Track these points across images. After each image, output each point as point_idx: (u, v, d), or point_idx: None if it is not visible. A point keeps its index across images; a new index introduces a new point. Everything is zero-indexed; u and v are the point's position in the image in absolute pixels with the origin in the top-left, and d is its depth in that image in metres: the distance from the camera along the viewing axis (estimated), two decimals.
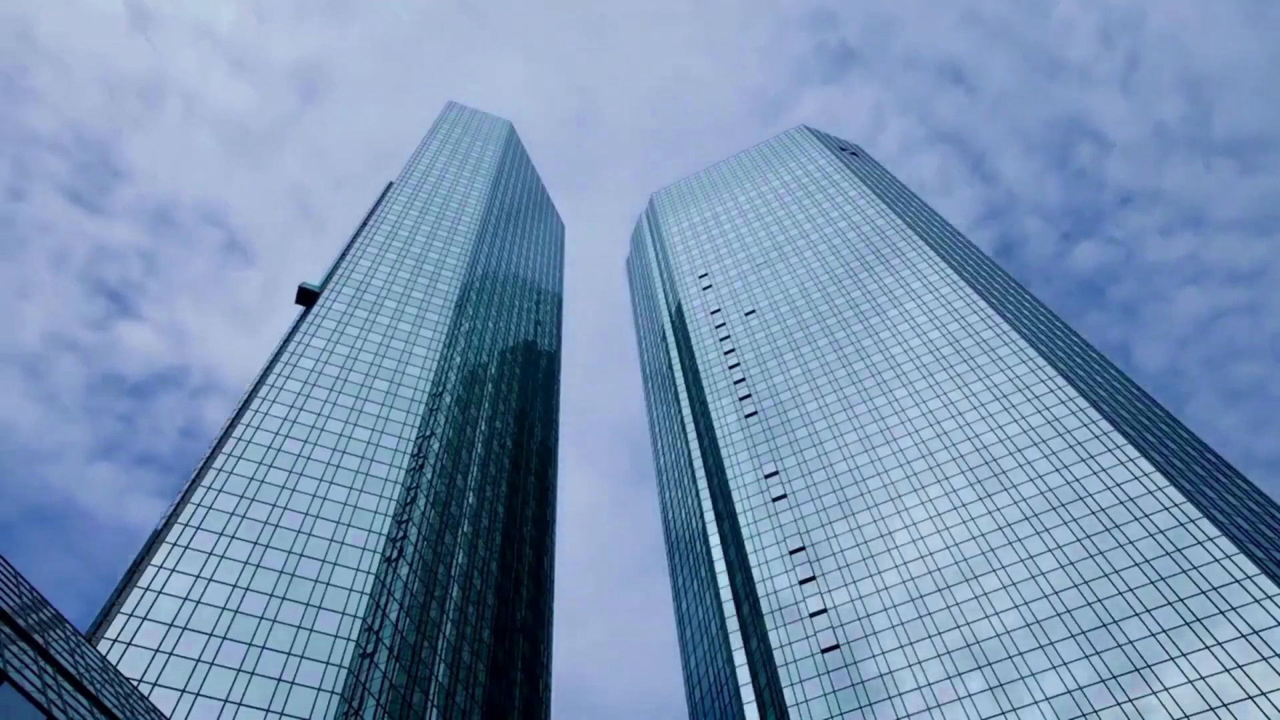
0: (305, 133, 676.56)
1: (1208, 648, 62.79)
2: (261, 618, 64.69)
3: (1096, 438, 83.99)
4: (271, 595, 66.86)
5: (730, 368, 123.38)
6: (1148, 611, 67.13)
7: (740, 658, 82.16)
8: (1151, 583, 69.01)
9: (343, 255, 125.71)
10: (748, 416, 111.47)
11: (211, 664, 59.73)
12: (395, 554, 76.70)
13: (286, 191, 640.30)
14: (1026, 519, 79.52)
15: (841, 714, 70.95)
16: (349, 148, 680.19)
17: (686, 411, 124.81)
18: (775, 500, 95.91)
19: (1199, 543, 70.08)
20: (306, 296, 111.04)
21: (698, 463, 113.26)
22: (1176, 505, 73.94)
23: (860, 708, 70.80)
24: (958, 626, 73.40)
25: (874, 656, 74.32)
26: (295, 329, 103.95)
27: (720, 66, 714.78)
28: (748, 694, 78.33)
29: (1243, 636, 62.35)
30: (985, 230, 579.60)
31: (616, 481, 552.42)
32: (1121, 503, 76.61)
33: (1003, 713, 65.45)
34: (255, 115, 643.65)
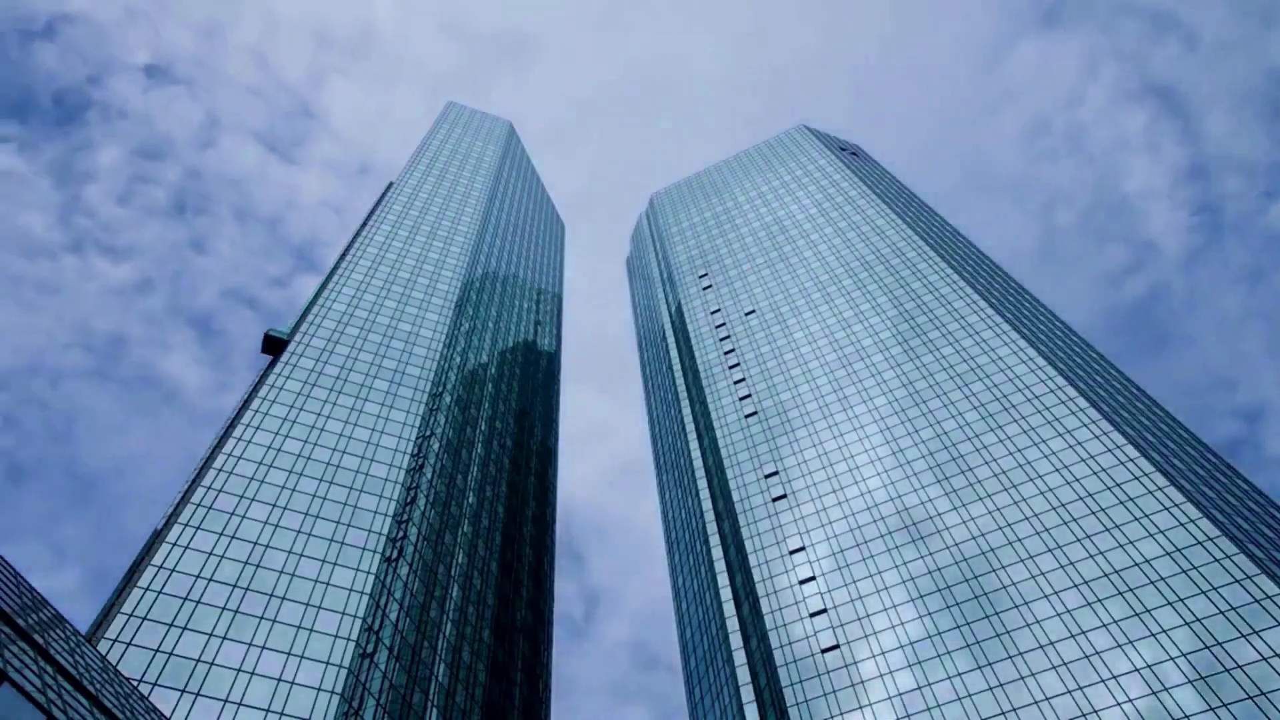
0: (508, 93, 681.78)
1: (1207, 648, 62.80)
2: (261, 618, 64.69)
3: (1096, 438, 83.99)
4: (271, 595, 66.86)
5: (730, 368, 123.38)
6: (1147, 611, 67.13)
7: (740, 658, 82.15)
8: (1151, 583, 69.01)
9: (342, 255, 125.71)
10: (748, 416, 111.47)
11: (211, 664, 59.73)
12: (395, 554, 76.70)
13: None
14: (1026, 519, 79.51)
15: (842, 714, 70.95)
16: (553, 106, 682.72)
17: (686, 411, 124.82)
18: (775, 500, 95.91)
19: (1199, 543, 70.08)
20: (273, 345, 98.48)
21: (698, 463, 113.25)
22: (1176, 505, 73.94)
23: (860, 708, 70.80)
24: (958, 627, 73.41)
25: (874, 656, 74.32)
26: (295, 328, 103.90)
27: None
28: (748, 694, 78.33)
29: (1243, 637, 62.35)
30: (1188, 187, 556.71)
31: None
32: (1121, 503, 76.61)
33: (1003, 712, 65.46)
34: (458, 75, 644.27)
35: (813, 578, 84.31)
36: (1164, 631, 65.28)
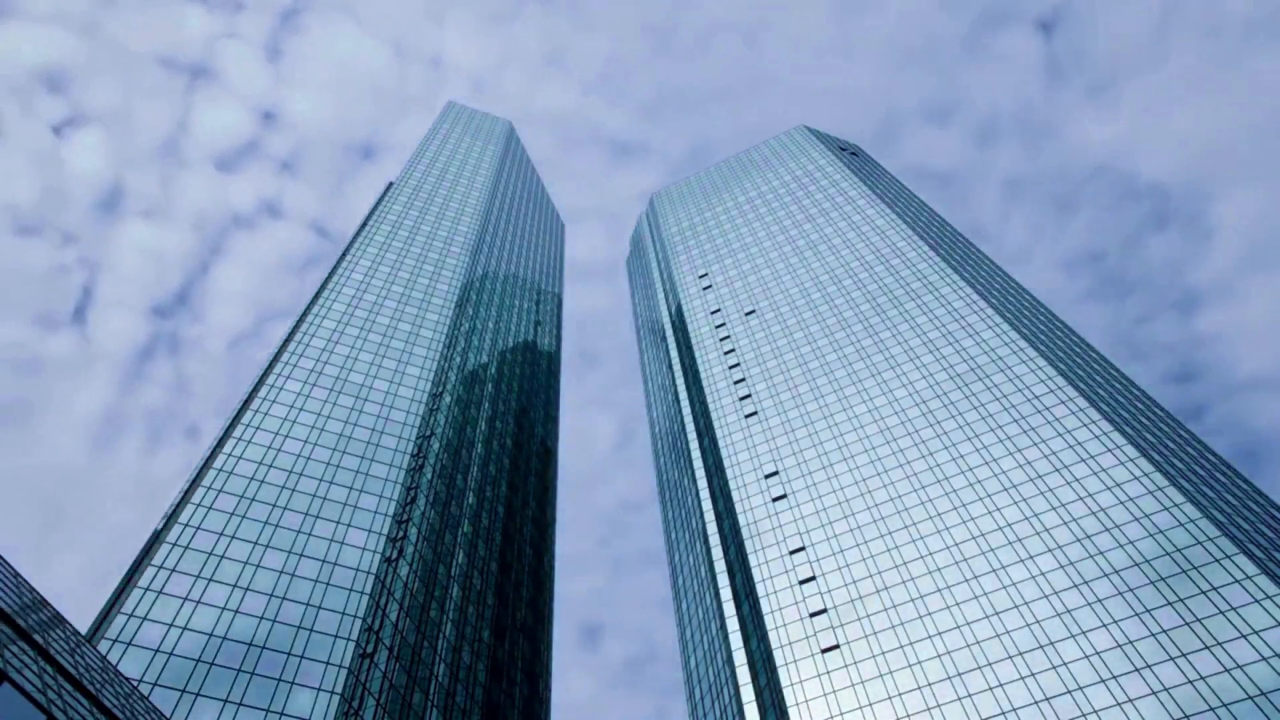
0: None
1: (1208, 648, 62.80)
2: (261, 618, 64.70)
3: (1097, 438, 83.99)
4: (271, 595, 66.86)
5: (730, 368, 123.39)
6: (1148, 611, 67.13)
7: (740, 658, 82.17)
8: (1151, 583, 69.01)
9: (343, 255, 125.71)
10: (748, 417, 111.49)
11: (211, 664, 59.74)
12: (395, 554, 76.70)
13: None
14: (1026, 519, 79.52)
15: (841, 714, 70.95)
16: None
17: (686, 411, 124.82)
18: (775, 500, 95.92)
19: (1199, 543, 70.07)
20: None
21: (698, 463, 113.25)
22: (1176, 505, 73.94)
23: (860, 708, 70.80)
24: (958, 627, 73.41)
25: (874, 656, 74.33)
26: (295, 329, 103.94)
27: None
28: (748, 694, 78.33)
29: (1243, 636, 62.35)
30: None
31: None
32: (1121, 503, 76.62)
33: (1003, 713, 65.46)
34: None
35: (813, 578, 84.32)
36: (1164, 631, 65.28)
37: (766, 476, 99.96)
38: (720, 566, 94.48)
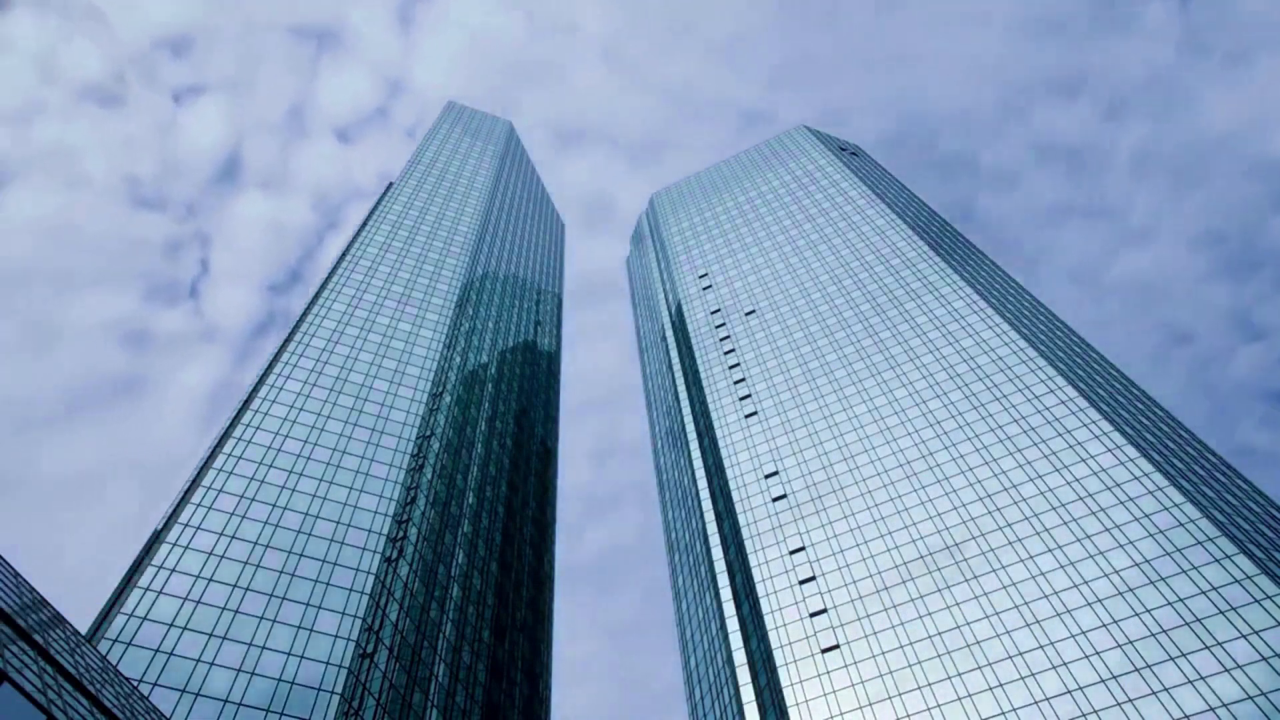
0: None
1: (1208, 648, 62.80)
2: (261, 618, 64.70)
3: (1096, 438, 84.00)
4: (271, 595, 66.87)
5: (730, 368, 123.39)
6: (1147, 611, 67.13)
7: (740, 658, 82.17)
8: (1151, 583, 69.00)
9: (343, 255, 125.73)
10: (748, 417, 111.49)
11: (211, 664, 59.75)
12: (395, 554, 76.70)
13: None
14: (1026, 519, 79.52)
15: (841, 714, 70.95)
16: None
17: (686, 411, 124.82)
18: (775, 500, 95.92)
19: (1199, 543, 70.07)
20: None
21: (698, 463, 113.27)
22: (1176, 505, 73.94)
23: (860, 708, 70.80)
24: (958, 626, 73.41)
25: (874, 656, 74.33)
26: (295, 329, 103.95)
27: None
28: (748, 694, 78.33)
29: (1243, 636, 62.35)
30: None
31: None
32: (1121, 503, 76.62)
33: (1003, 713, 65.46)
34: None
35: (813, 578, 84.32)
36: (1164, 631, 65.28)
37: (766, 476, 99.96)
38: (720, 567, 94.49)
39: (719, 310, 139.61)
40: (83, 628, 64.66)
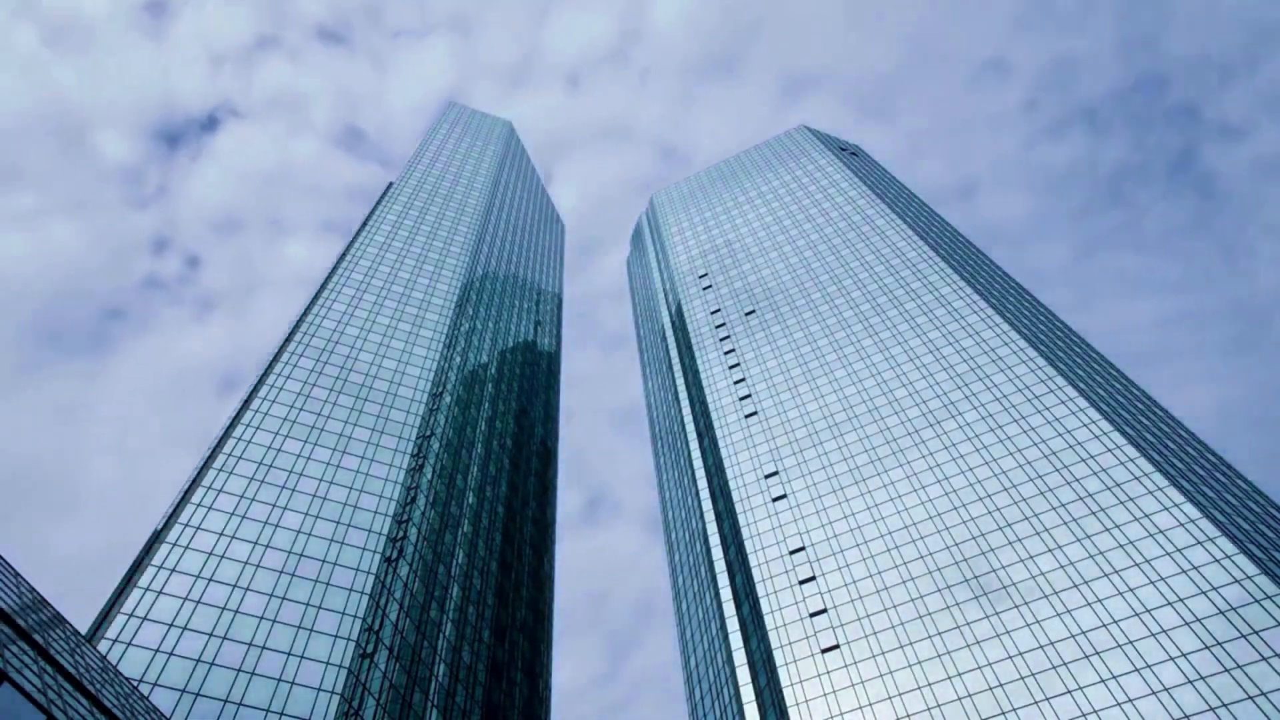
0: None
1: (1208, 648, 62.81)
2: (261, 618, 64.71)
3: (1096, 438, 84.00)
4: (271, 595, 66.87)
5: (730, 368, 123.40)
6: (1147, 611, 67.13)
7: (740, 658, 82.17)
8: (1151, 583, 69.01)
9: (343, 255, 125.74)
10: (748, 416, 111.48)
11: (211, 664, 59.75)
12: (395, 554, 76.71)
13: None
14: (1027, 519, 79.53)
15: (842, 714, 70.96)
16: None
17: (686, 411, 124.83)
18: (775, 500, 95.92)
19: (1199, 543, 70.08)
20: None
21: (697, 463, 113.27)
22: (1176, 505, 73.95)
23: (860, 708, 70.80)
24: (958, 627, 73.42)
25: (874, 656, 74.33)
26: (295, 329, 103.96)
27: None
28: (748, 694, 78.34)
29: (1242, 636, 62.36)
30: None
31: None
32: (1121, 502, 76.62)
33: (1003, 713, 65.46)
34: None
35: (813, 578, 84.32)
36: (1164, 631, 65.29)
37: (766, 476, 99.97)
38: (720, 567, 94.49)
39: (719, 310, 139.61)
40: (83, 628, 64.68)
